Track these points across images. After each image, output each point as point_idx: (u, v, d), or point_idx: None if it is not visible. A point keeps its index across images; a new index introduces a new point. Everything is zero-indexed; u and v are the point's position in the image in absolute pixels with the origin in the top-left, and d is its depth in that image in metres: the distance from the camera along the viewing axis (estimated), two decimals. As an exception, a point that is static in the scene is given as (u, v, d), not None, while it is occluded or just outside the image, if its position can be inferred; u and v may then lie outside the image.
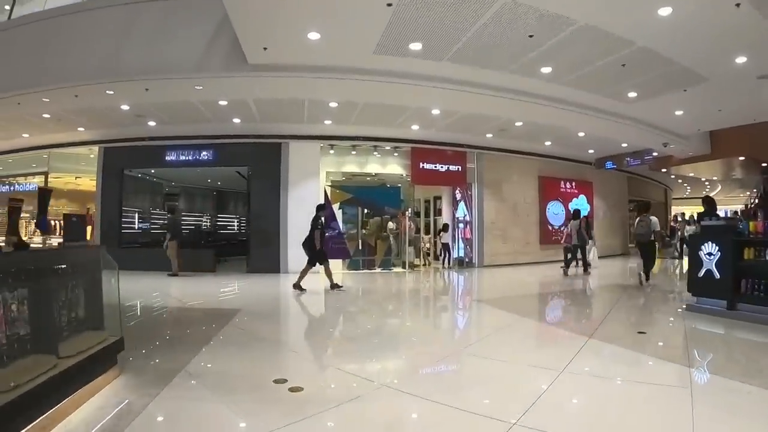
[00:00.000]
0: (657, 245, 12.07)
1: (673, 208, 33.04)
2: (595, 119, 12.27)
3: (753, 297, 7.01)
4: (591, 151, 18.33)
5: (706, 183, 31.22)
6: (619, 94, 10.82)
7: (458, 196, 17.42)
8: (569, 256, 14.39)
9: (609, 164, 19.29)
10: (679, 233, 18.51)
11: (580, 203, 19.41)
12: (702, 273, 7.72)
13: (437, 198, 19.04)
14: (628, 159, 18.27)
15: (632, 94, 10.85)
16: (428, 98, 10.91)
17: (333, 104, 11.60)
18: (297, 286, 10.32)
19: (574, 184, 19.76)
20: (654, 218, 11.46)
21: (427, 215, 19.70)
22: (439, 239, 16.48)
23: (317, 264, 10.64)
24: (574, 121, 12.64)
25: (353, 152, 15.36)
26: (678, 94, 10.75)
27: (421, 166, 15.62)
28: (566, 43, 8.01)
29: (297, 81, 9.69)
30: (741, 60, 8.56)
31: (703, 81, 9.73)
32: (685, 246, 16.75)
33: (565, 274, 13.78)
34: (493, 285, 13.04)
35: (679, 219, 22.05)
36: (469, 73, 9.52)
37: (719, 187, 34.14)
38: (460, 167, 16.26)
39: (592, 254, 15.26)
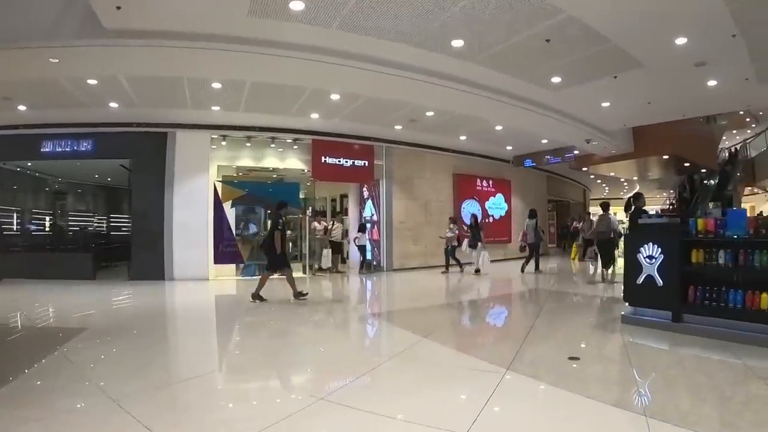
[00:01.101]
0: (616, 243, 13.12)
1: (591, 208, 33.40)
2: (515, 110, 11.22)
3: (703, 307, 6.10)
4: (509, 148, 17.74)
5: (625, 183, 31.74)
6: (542, 78, 9.76)
7: (365, 194, 16.40)
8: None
9: (528, 162, 18.79)
10: (582, 234, 17.50)
11: (497, 202, 18.87)
12: (641, 279, 6.71)
13: (344, 196, 17.90)
14: (548, 157, 17.84)
15: (556, 79, 9.81)
16: (323, 77, 9.39)
17: (216, 85, 10.09)
18: (256, 296, 9.26)
19: (491, 182, 19.13)
20: (613, 216, 12.43)
21: (334, 215, 18.51)
22: (355, 241, 15.27)
23: (278, 271, 9.67)
24: (491, 111, 11.68)
25: (248, 144, 13.84)
26: (607, 82, 9.88)
27: (323, 161, 14.38)
28: (479, 7, 6.80)
29: (166, 53, 7.98)
30: (681, 41, 7.74)
31: (637, 66, 8.91)
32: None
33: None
34: (399, 292, 11.93)
35: (581, 218, 20.35)
36: (366, 45, 8.13)
37: (637, 188, 34.85)
38: (366, 162, 15.15)
39: (482, 259, 14.31)
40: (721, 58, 8.48)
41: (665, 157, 17.39)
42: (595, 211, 28.37)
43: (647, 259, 6.66)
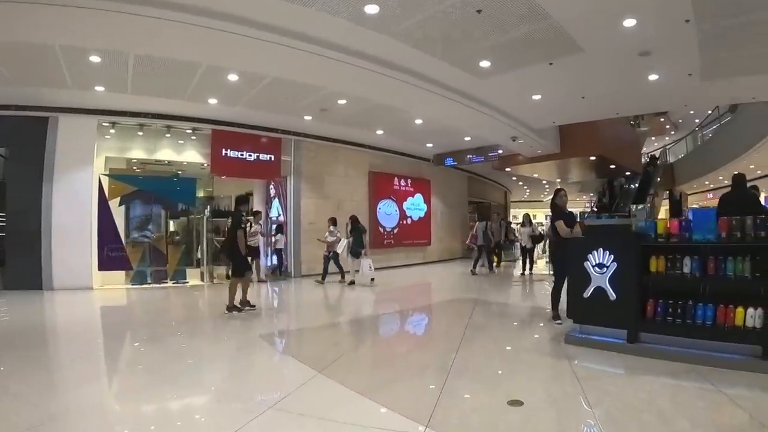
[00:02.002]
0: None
1: (511, 210, 33.83)
2: (437, 100, 10.32)
3: (664, 324, 5.25)
4: (430, 145, 17.18)
5: (546, 185, 32.20)
6: (470, 61, 8.75)
7: (272, 191, 15.37)
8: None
9: (449, 161, 18.34)
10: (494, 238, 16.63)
11: (416, 202, 18.47)
12: (589, 292, 5.81)
13: (249, 194, 16.87)
14: (471, 156, 17.42)
15: (485, 64, 8.83)
16: (217, 50, 7.99)
17: (95, 58, 8.63)
18: (232, 307, 8.48)
19: (409, 181, 18.55)
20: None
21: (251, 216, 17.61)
22: (275, 245, 14.35)
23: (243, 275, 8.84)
24: (411, 101, 10.76)
25: (140, 133, 12.48)
26: (541, 70, 9.09)
27: (224, 154, 13.26)
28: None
29: (27, 10, 6.61)
30: (630, 23, 7.05)
31: (577, 51, 8.16)
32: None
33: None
34: (300, 305, 10.71)
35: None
36: (264, 8, 6.78)
37: None
38: (273, 156, 14.10)
39: (364, 268, 12.77)
40: (667, 48, 8.01)
41: (592, 158, 17.26)
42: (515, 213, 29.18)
43: (597, 268, 5.79)
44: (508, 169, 19.69)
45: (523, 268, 14.94)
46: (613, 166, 19.69)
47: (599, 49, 8.15)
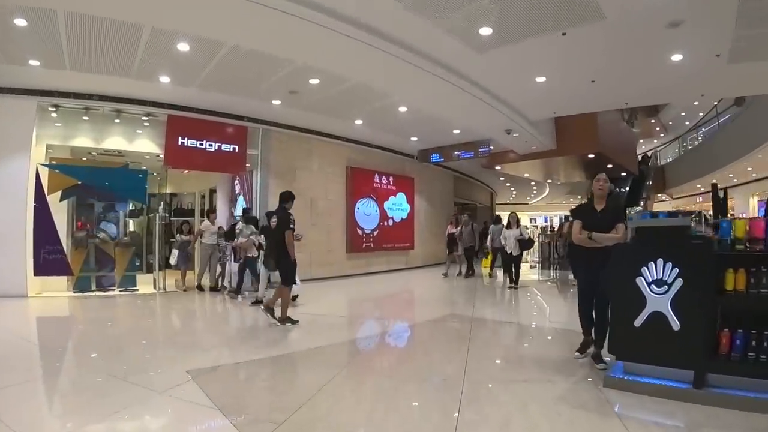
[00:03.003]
0: None
1: (496, 213, 32.90)
2: (426, 79, 8.86)
3: (743, 363, 3.86)
4: (414, 139, 15.83)
5: (534, 187, 31.45)
6: (468, 26, 7.24)
7: (237, 188, 13.89)
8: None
9: (435, 157, 17.00)
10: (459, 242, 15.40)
11: (398, 202, 17.08)
12: (643, 319, 4.31)
13: (214, 191, 15.36)
14: (459, 153, 16.08)
15: (486, 31, 7.37)
16: (154, 4, 6.57)
17: (20, 21, 7.09)
18: (285, 319, 7.55)
19: (391, 179, 17.13)
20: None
21: (204, 215, 16.02)
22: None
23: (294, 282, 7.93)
24: (396, 79, 9.31)
25: (86, 118, 10.91)
26: (551, 42, 7.70)
27: (180, 143, 11.66)
28: None
29: None
30: None
31: (598, 18, 6.84)
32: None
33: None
34: (249, 325, 8.16)
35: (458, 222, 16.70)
36: None
37: (546, 192, 34.70)
38: (237, 147, 12.55)
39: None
40: (701, 19, 6.79)
41: (590, 156, 16.22)
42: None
43: (654, 287, 4.26)
44: (498, 167, 18.56)
45: (511, 281, 12.28)
46: (610, 166, 18.73)
47: (624, 16, 6.83)
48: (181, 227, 12.44)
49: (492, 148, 15.36)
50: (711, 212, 13.35)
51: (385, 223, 16.29)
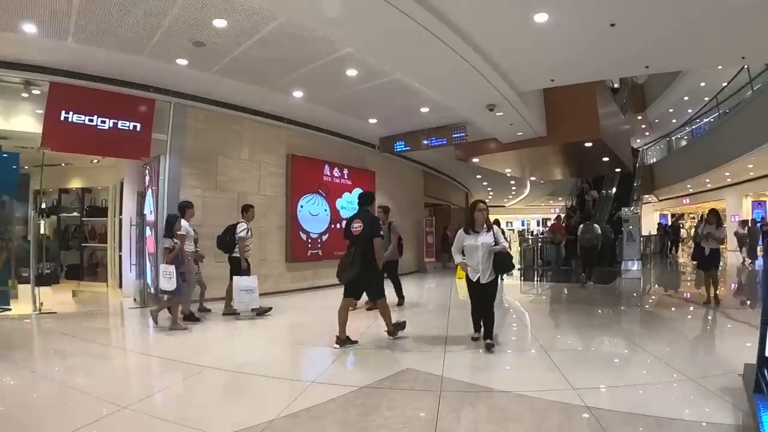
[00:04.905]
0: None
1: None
2: (384, 16, 6.17)
3: None
4: (373, 121, 13.03)
5: (513, 187, 29.88)
6: None
7: (147, 179, 10.87)
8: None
9: (400, 145, 14.32)
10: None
11: (354, 200, 14.17)
12: None
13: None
14: (427, 141, 13.50)
15: None
16: None
17: None
18: (393, 331, 7.11)
19: (347, 172, 14.42)
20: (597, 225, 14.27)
21: (119, 213, 12.92)
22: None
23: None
24: (339, 20, 6.55)
25: None
26: None
27: (63, 118, 8.87)
28: None
29: None
30: None
31: None
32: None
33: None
34: (139, 370, 6.03)
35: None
36: None
37: (526, 192, 32.91)
38: (139, 125, 9.69)
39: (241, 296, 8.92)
40: None
41: (588, 144, 13.92)
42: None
43: None
44: (475, 160, 16.13)
45: (477, 328, 6.99)
46: (606, 159, 16.62)
47: None
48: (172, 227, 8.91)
49: (468, 135, 12.83)
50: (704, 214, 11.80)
51: (338, 226, 13.31)
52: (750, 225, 19.92)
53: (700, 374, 5.08)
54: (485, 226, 6.61)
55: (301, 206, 12.72)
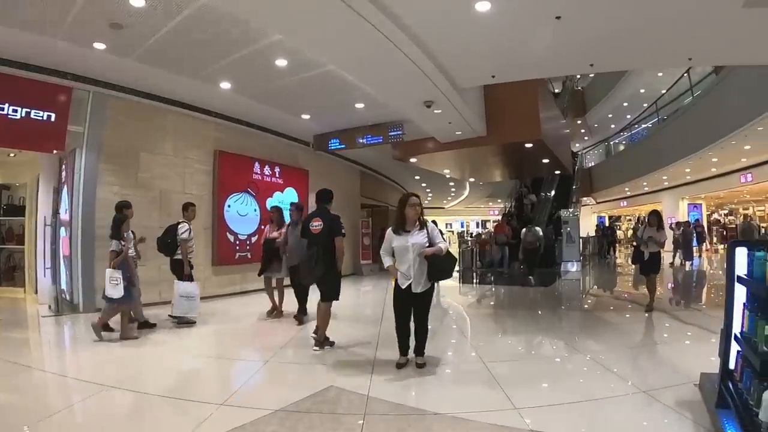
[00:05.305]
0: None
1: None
2: (314, 2, 6.12)
3: None
4: (306, 117, 12.88)
5: (453, 188, 30.09)
6: None
7: (64, 175, 10.44)
8: None
9: (335, 143, 14.24)
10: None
11: (286, 200, 13.91)
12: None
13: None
14: (363, 139, 13.45)
15: None
16: None
17: None
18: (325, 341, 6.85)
19: (278, 170, 14.18)
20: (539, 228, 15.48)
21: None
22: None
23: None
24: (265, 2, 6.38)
25: None
26: None
27: None
28: None
29: None
30: None
31: None
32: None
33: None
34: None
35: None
36: None
37: (465, 193, 33.22)
38: (54, 115, 9.18)
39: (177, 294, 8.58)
40: None
41: (528, 145, 14.21)
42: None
43: None
44: (413, 160, 16.17)
45: (404, 351, 6.06)
46: (546, 161, 16.89)
47: None
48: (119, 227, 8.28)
49: (405, 133, 12.93)
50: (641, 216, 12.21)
51: (268, 227, 13.00)
52: (684, 227, 20.77)
53: (654, 385, 4.91)
54: (417, 223, 5.81)
55: (229, 206, 12.46)
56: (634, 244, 10.37)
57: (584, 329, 8.54)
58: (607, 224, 34.87)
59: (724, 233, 30.89)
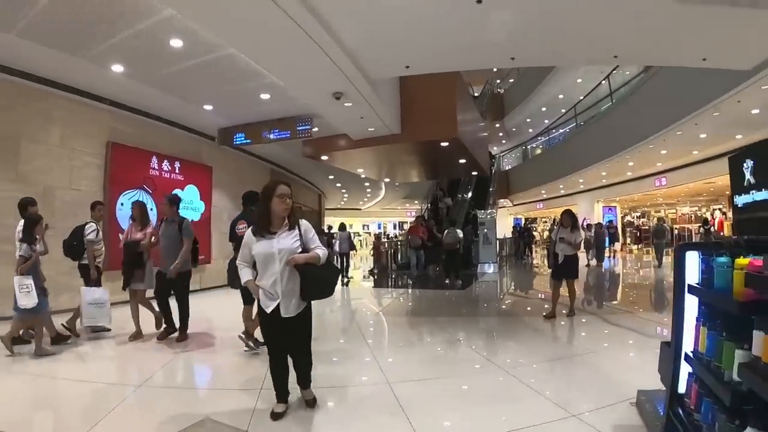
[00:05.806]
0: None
1: (326, 219, 30.71)
2: None
3: None
4: (209, 108, 12.39)
5: (368, 190, 30.14)
6: None
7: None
8: None
9: (240, 138, 13.92)
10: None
11: (187, 198, 13.43)
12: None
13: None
14: (271, 133, 13.16)
15: None
16: None
17: None
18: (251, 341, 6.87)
19: (178, 165, 13.68)
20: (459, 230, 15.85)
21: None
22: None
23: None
24: None
25: None
26: None
27: None
28: None
29: None
30: None
31: None
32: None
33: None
34: None
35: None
36: None
37: (381, 195, 33.32)
38: None
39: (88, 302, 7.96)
40: None
41: (444, 144, 14.33)
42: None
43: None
44: (324, 158, 15.96)
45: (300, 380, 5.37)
46: (463, 161, 17.09)
47: None
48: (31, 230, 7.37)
49: (316, 128, 12.87)
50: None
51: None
52: (596, 228, 21.76)
53: (585, 407, 4.43)
54: (286, 222, 4.48)
55: (122, 204, 11.85)
56: (548, 247, 10.28)
57: (503, 337, 8.02)
58: (523, 226, 35.77)
59: (638, 234, 32.98)
